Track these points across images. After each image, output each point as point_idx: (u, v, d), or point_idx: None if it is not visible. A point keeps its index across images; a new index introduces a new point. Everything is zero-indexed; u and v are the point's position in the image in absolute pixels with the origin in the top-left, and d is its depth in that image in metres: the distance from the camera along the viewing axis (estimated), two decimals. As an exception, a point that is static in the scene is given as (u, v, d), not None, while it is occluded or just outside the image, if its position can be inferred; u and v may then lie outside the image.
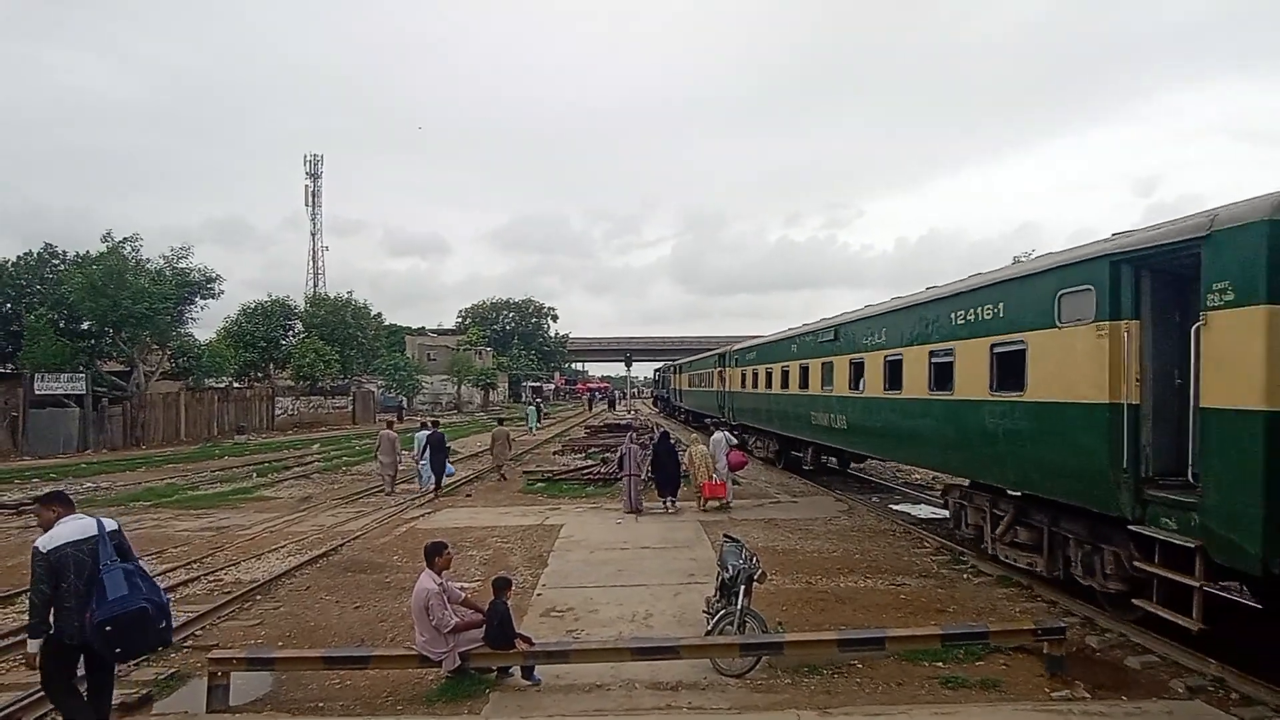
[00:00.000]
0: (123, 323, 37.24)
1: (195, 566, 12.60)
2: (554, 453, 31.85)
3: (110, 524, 5.87)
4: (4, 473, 26.31)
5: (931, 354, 12.88)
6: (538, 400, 68.97)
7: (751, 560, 8.16)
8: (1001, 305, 10.87)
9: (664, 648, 7.61)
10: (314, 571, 12.23)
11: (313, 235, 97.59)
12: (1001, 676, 7.44)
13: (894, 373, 14.47)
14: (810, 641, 7.78)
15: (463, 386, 77.53)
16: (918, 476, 22.67)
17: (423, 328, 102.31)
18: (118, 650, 5.64)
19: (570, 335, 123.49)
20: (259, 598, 10.75)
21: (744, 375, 28.91)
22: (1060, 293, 9.47)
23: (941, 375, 12.54)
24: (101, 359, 40.47)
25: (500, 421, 27.83)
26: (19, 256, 41.95)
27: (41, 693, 6.30)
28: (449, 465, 21.24)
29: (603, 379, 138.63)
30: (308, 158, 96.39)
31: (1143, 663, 7.76)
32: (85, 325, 39.41)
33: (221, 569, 12.36)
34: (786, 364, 22.64)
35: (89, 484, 23.61)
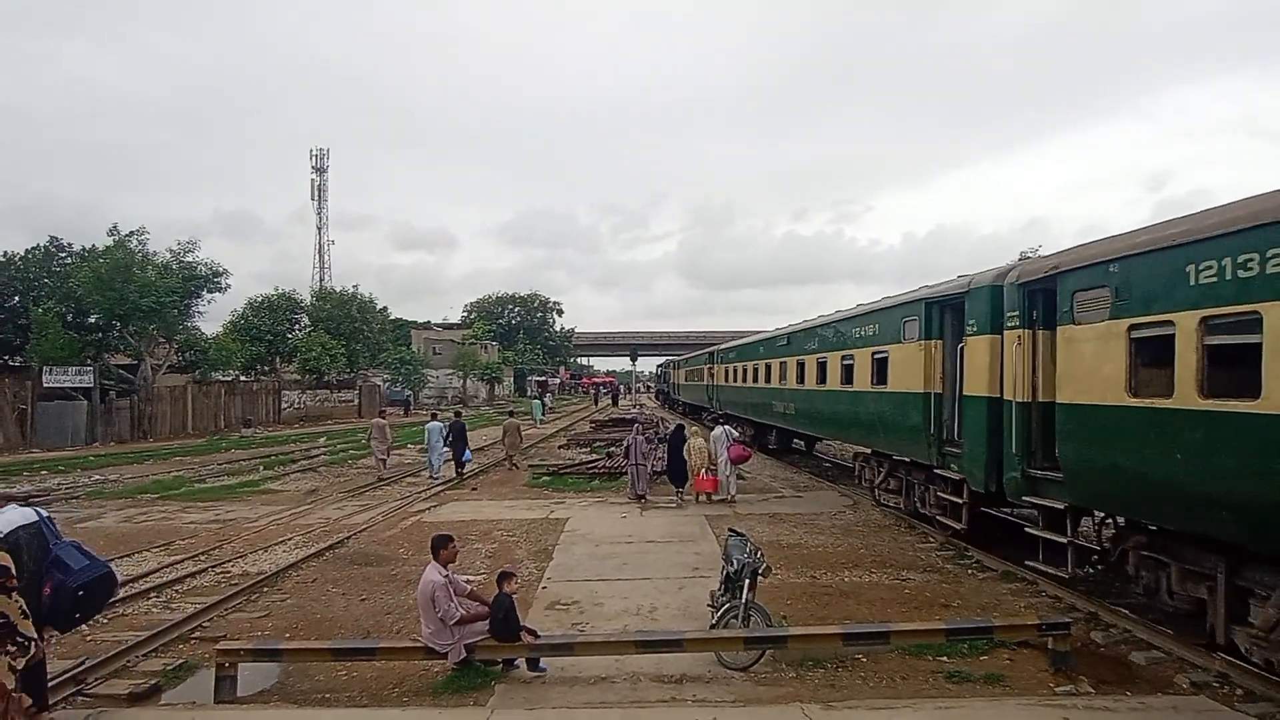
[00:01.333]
0: (130, 316, 37.34)
1: (202, 558, 12.68)
2: (559, 447, 31.92)
3: (44, 511, 6.32)
4: (13, 465, 26.48)
5: (843, 358, 17.31)
6: (544, 394, 69.07)
7: (756, 554, 8.18)
8: (877, 326, 15.48)
9: (668, 641, 7.64)
10: (320, 564, 12.29)
11: (319, 229, 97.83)
12: (1006, 671, 7.45)
13: (822, 371, 18.98)
14: (814, 635, 7.81)
15: (468, 380, 77.65)
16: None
17: (428, 322, 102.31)
18: (77, 615, 6.19)
19: (576, 330, 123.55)
20: (266, 590, 10.82)
21: (727, 371, 33.23)
22: (903, 320, 14.04)
23: (848, 373, 17.00)
24: (109, 352, 40.59)
25: (511, 414, 29.42)
26: (27, 250, 42.16)
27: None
28: (467, 451, 22.25)
29: (608, 373, 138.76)
30: (314, 152, 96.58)
31: (1148, 658, 7.76)
32: (93, 318, 39.51)
33: (228, 561, 12.44)
34: (757, 363, 26.95)
35: (96, 476, 23.74)
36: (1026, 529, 10.14)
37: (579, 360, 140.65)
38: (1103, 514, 9.40)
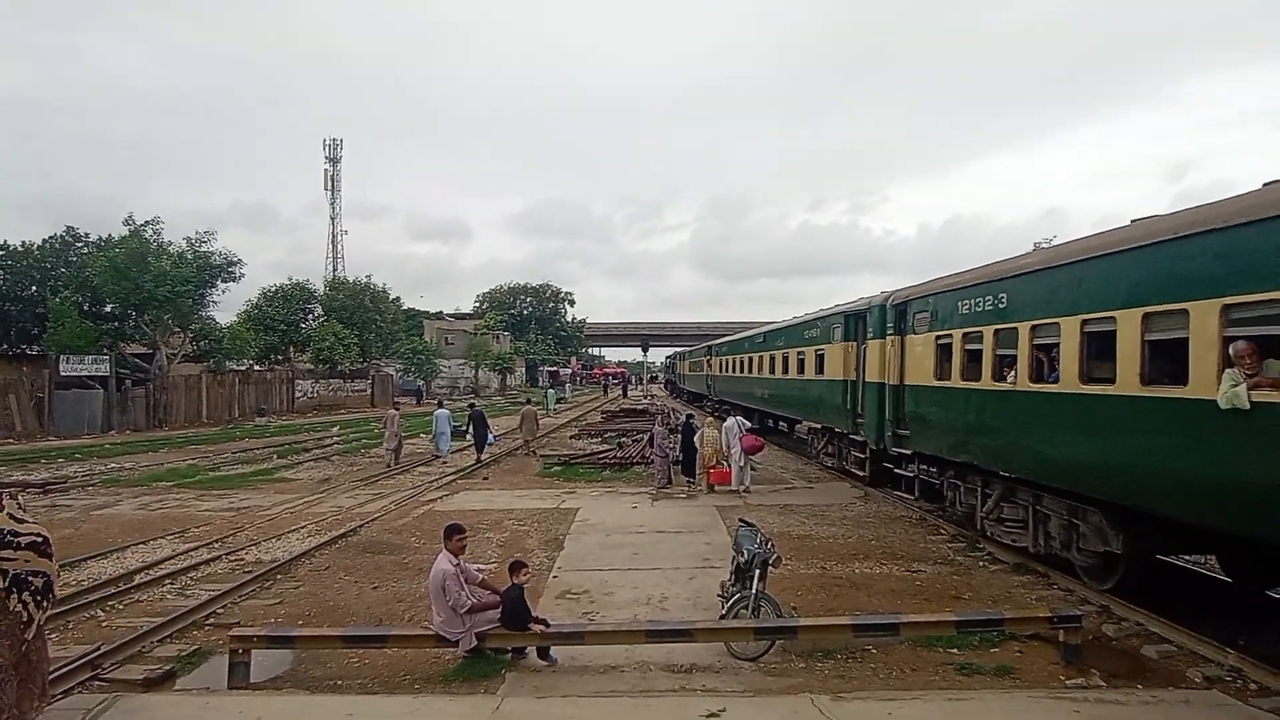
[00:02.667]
0: (145, 305, 37.60)
1: (217, 546, 12.79)
2: (570, 437, 32.00)
3: None
4: (31, 453, 26.77)
5: (798, 353, 22.70)
6: (556, 384, 69.20)
7: (767, 545, 8.17)
8: (818, 330, 20.64)
9: (678, 630, 7.66)
10: (333, 552, 12.38)
11: (332, 219, 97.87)
12: (1016, 664, 7.43)
13: (785, 363, 24.30)
14: (824, 626, 7.80)
15: (480, 371, 77.85)
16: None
17: (440, 312, 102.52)
18: None
19: (588, 320, 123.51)
20: (279, 577, 10.91)
21: (720, 363, 39.30)
22: (833, 326, 19.11)
23: (800, 365, 22.38)
24: (125, 341, 40.87)
25: (529, 401, 32.54)
26: (44, 240, 42.42)
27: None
28: (490, 435, 24.21)
29: (619, 364, 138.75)
30: (327, 143, 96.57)
31: (1159, 652, 7.71)
32: (109, 308, 39.81)
33: (242, 549, 12.54)
34: (742, 356, 32.84)
35: (113, 464, 23.97)
36: (894, 470, 15.27)
37: (590, 351, 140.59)
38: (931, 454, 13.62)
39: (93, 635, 8.45)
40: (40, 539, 5.73)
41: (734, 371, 34.56)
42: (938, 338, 12.85)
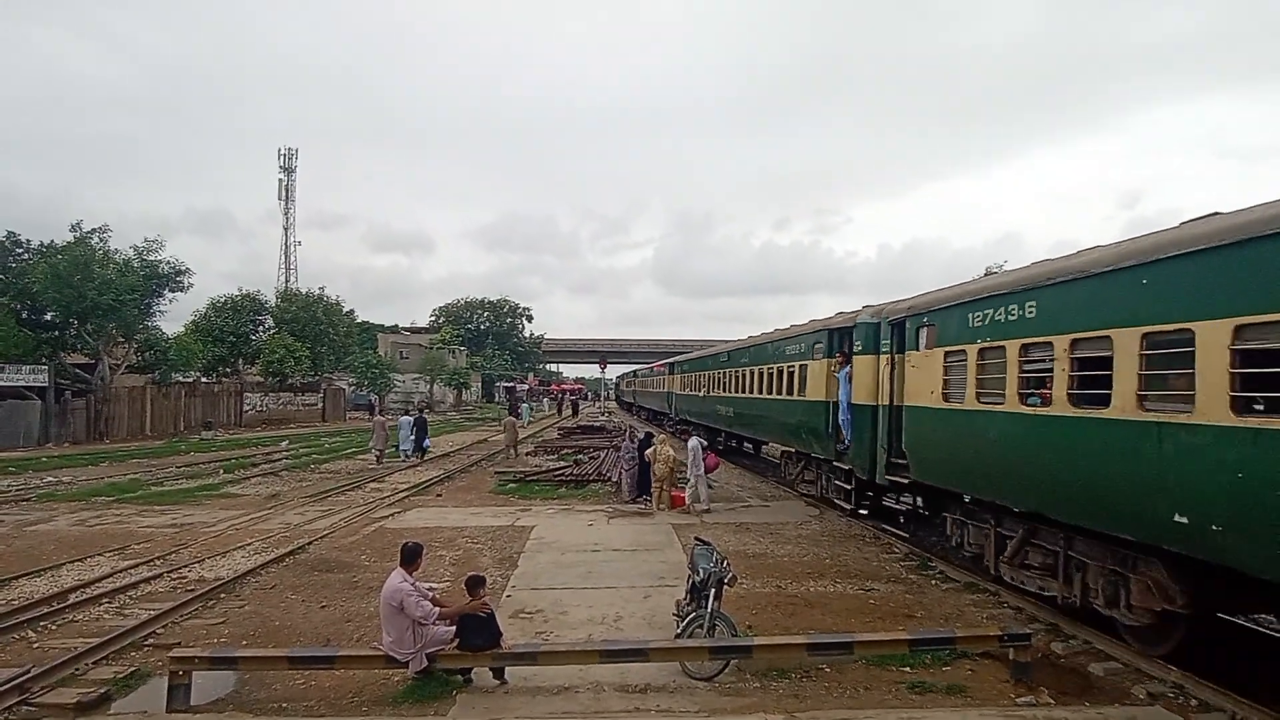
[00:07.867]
0: (88, 314, 36.42)
1: (158, 563, 12.38)
2: (526, 454, 31.77)
3: None
4: (-39, 465, 25.68)
5: (658, 378, 51.13)
6: (521, 401, 68.68)
7: (722, 564, 8.17)
8: (665, 369, 47.64)
9: (633, 650, 7.60)
10: (280, 570, 12.07)
11: (285, 230, 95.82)
12: (967, 682, 7.51)
13: (657, 383, 51.46)
14: (779, 645, 7.80)
15: (435, 385, 77.00)
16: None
17: (396, 325, 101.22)
18: None
19: (545, 336, 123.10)
20: (223, 596, 10.59)
21: (639, 383, 65.33)
22: (666, 368, 46.76)
23: (661, 384, 48.37)
24: (66, 351, 39.54)
25: (510, 410, 45.25)
26: (-20, 246, 40.82)
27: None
28: (426, 441, 28.64)
29: (577, 380, 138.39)
30: (281, 152, 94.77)
31: (1105, 669, 7.87)
32: (49, 316, 38.48)
33: (185, 566, 12.14)
34: (648, 379, 57.62)
35: (49, 478, 23.12)
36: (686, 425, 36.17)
37: (549, 367, 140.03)
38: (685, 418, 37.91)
39: (22, 657, 8.10)
40: None
41: (645, 389, 59.74)
42: (682, 377, 37.29)
